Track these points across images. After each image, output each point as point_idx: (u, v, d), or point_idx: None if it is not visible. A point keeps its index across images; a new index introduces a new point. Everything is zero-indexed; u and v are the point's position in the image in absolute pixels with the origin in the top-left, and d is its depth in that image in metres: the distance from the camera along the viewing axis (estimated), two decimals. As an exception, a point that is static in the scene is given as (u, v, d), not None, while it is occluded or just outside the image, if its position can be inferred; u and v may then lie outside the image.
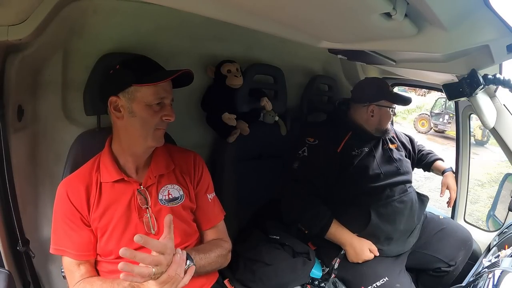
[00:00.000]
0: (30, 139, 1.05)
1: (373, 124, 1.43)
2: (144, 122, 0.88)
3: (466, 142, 1.64)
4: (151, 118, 0.88)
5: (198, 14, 0.65)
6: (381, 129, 1.44)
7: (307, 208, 1.30)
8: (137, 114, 0.87)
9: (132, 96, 0.87)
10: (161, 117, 0.88)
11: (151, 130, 0.89)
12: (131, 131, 0.89)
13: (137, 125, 0.88)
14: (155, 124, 0.88)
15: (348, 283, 1.25)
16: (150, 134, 0.89)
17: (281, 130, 1.58)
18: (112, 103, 0.88)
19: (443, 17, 0.56)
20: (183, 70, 0.88)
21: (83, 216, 0.87)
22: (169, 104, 0.90)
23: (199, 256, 0.89)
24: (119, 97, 0.88)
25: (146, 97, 0.87)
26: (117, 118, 0.89)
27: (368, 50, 0.87)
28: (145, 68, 0.89)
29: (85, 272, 0.87)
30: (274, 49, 1.54)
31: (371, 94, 1.43)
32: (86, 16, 1.02)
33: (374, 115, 1.43)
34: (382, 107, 1.42)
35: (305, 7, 0.59)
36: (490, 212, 1.45)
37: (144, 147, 0.92)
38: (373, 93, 1.43)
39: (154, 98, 0.87)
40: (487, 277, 0.80)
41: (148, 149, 0.94)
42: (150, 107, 0.87)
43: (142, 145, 0.91)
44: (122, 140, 0.92)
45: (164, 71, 0.91)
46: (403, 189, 1.39)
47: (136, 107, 0.87)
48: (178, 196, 0.95)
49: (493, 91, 1.19)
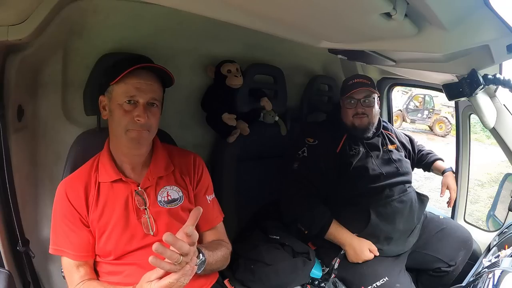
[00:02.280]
0: (30, 139, 1.05)
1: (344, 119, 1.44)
2: (117, 123, 0.87)
3: (466, 142, 1.64)
4: (121, 118, 0.86)
5: (198, 14, 0.65)
6: (348, 125, 1.43)
7: (307, 208, 1.30)
8: (113, 114, 0.87)
9: (110, 95, 0.88)
10: (132, 117, 0.85)
11: (123, 131, 0.86)
12: (113, 131, 0.90)
13: (114, 124, 0.88)
14: (125, 125, 0.85)
15: (348, 283, 1.25)
16: (123, 136, 0.87)
17: (281, 130, 1.58)
18: (101, 103, 0.91)
19: (443, 17, 0.56)
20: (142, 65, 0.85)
21: (82, 217, 0.87)
22: (142, 104, 0.86)
23: (208, 253, 0.87)
24: (104, 96, 0.90)
25: (117, 96, 0.86)
26: (104, 117, 0.91)
27: (368, 50, 0.87)
28: (124, 66, 0.85)
29: (84, 274, 0.87)
30: (274, 49, 1.54)
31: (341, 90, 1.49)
32: (86, 16, 1.02)
33: (342, 110, 1.45)
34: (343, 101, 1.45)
35: (305, 7, 0.59)
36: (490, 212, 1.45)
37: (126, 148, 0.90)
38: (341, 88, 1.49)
39: (124, 97, 0.85)
40: (487, 277, 0.80)
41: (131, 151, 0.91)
42: (121, 107, 0.86)
43: (125, 146, 0.89)
44: (112, 139, 0.92)
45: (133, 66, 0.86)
46: (402, 189, 1.39)
47: (112, 106, 0.87)
48: (177, 198, 0.95)
49: (493, 91, 1.19)
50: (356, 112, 1.40)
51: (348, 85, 1.43)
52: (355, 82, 1.42)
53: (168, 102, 1.14)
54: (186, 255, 0.69)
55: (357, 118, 1.40)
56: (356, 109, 1.40)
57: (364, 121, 1.41)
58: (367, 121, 1.41)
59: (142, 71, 0.87)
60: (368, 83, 1.42)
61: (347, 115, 1.43)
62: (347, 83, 1.45)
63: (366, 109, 1.41)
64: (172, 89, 0.99)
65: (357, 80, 1.43)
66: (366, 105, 1.41)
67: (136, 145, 0.88)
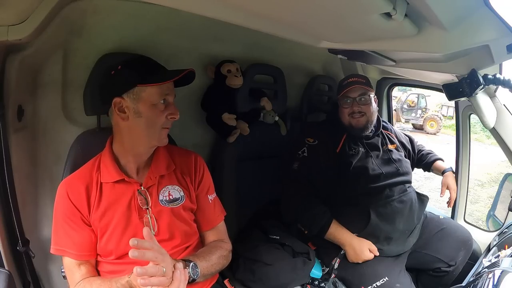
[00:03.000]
0: (30, 139, 1.05)
1: (341, 119, 1.44)
2: (151, 122, 0.88)
3: (466, 142, 1.64)
4: (157, 117, 0.88)
5: (198, 14, 0.65)
6: (346, 125, 1.43)
7: (307, 208, 1.30)
8: (143, 114, 0.87)
9: (137, 96, 0.87)
10: (166, 115, 0.89)
11: (158, 129, 0.89)
12: (137, 132, 0.89)
13: (143, 125, 0.88)
14: (161, 124, 0.89)
15: (348, 283, 1.25)
16: (156, 134, 0.89)
17: (281, 130, 1.58)
18: (117, 104, 0.88)
19: (443, 17, 0.56)
20: (188, 70, 0.88)
21: (83, 216, 0.87)
22: (172, 103, 0.91)
23: (201, 263, 0.88)
24: (123, 98, 0.87)
25: (151, 97, 0.87)
26: (122, 119, 0.88)
27: (368, 50, 0.87)
28: (148, 68, 0.90)
29: (85, 272, 0.87)
30: (274, 49, 1.54)
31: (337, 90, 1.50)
32: (86, 16, 1.02)
33: (339, 110, 1.45)
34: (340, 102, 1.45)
35: (305, 7, 0.59)
36: (490, 212, 1.45)
37: (147, 147, 0.92)
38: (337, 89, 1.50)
39: (159, 97, 0.88)
40: (487, 277, 0.80)
41: (150, 149, 0.94)
42: (156, 107, 0.88)
43: (146, 145, 0.92)
44: (124, 140, 0.91)
45: (166, 70, 0.92)
46: (402, 189, 1.39)
47: (142, 107, 0.87)
48: (178, 197, 0.95)
49: (493, 91, 1.19)
50: (352, 111, 1.40)
51: (343, 85, 1.44)
52: (349, 81, 1.43)
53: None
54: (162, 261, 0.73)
55: (354, 118, 1.40)
56: (352, 108, 1.40)
57: (361, 120, 1.40)
58: (365, 119, 1.41)
59: None
60: (363, 81, 1.42)
61: (343, 114, 1.43)
62: (342, 83, 1.46)
63: (363, 107, 1.40)
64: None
65: (352, 79, 1.43)
66: (362, 103, 1.40)
67: (165, 140, 0.92)
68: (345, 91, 1.40)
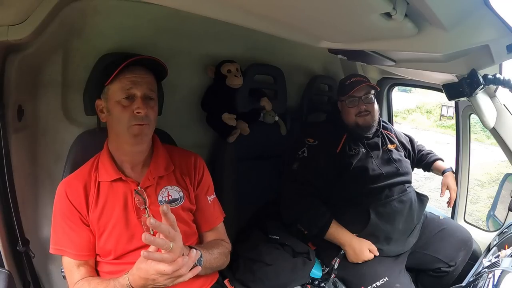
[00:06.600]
0: (30, 139, 1.05)
1: (345, 120, 1.44)
2: (117, 119, 0.88)
3: (466, 142, 1.64)
4: (121, 114, 0.87)
5: (198, 14, 0.65)
6: (351, 125, 1.43)
7: (307, 209, 1.30)
8: (111, 112, 0.88)
9: (106, 96, 0.89)
10: (132, 111, 0.86)
11: (125, 127, 0.87)
12: (114, 130, 0.91)
13: (114, 123, 0.89)
14: (126, 121, 0.86)
15: (348, 283, 1.25)
16: (125, 132, 0.87)
17: (281, 130, 1.58)
18: (98, 106, 0.92)
19: (443, 17, 0.56)
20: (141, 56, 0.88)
21: (82, 216, 0.87)
22: (140, 97, 0.87)
23: (204, 253, 0.88)
24: (101, 99, 0.91)
25: (114, 94, 0.87)
26: (103, 120, 0.92)
27: (368, 50, 0.87)
28: (114, 65, 0.86)
29: (84, 272, 0.87)
30: (274, 49, 1.54)
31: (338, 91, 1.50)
32: (85, 16, 1.02)
33: (342, 111, 1.45)
34: (343, 101, 1.45)
35: (305, 7, 0.59)
36: (490, 212, 1.45)
37: (129, 144, 0.90)
38: (338, 90, 1.50)
39: (121, 93, 0.87)
40: (487, 277, 0.80)
41: (134, 147, 0.91)
42: (119, 103, 0.87)
43: (127, 143, 0.90)
44: (112, 140, 0.93)
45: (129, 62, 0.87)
46: (402, 189, 1.39)
47: (110, 105, 0.88)
48: (178, 198, 0.95)
49: (493, 91, 1.19)
50: (359, 110, 1.40)
51: (346, 85, 1.43)
52: (353, 80, 1.43)
53: (168, 102, 1.15)
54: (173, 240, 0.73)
55: (361, 117, 1.40)
56: (359, 107, 1.40)
57: (367, 119, 1.41)
58: (371, 118, 1.42)
59: (135, 67, 0.88)
60: (365, 80, 1.43)
61: (349, 114, 1.42)
62: (344, 83, 1.46)
63: (368, 105, 1.41)
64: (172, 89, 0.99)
65: (355, 78, 1.44)
66: (368, 101, 1.41)
67: (139, 140, 0.89)
68: (352, 91, 1.40)
